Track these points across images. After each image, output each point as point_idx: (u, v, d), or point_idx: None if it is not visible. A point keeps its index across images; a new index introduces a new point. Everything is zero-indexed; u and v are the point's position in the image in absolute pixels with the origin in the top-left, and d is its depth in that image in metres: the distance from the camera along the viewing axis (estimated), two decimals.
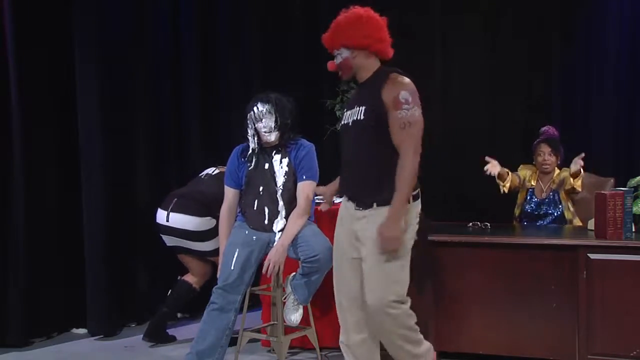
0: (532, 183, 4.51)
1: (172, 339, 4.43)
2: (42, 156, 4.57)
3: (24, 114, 4.43)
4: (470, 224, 4.23)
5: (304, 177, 3.78)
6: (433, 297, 3.86)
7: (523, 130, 4.88)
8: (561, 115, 5.22)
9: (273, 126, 3.77)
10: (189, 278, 4.47)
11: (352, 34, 3.03)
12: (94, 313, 4.66)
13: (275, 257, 3.65)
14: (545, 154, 4.42)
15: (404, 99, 2.86)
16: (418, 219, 3.06)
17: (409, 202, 2.95)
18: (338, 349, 4.18)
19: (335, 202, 4.40)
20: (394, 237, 2.91)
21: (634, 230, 3.65)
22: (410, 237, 3.03)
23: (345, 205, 3.18)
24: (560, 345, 3.64)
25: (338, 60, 3.11)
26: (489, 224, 4.14)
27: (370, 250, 3.00)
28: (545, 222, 4.45)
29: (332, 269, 3.79)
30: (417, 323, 3.84)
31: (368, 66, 3.08)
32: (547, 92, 5.15)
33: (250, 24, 5.49)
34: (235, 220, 3.93)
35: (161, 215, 4.36)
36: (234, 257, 3.72)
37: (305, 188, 3.77)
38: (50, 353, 4.34)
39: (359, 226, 3.05)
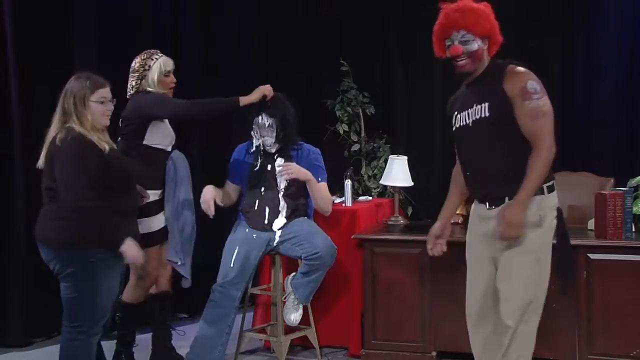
0: None
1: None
2: None
3: (24, 115, 4.43)
4: None
5: (319, 180, 3.87)
6: (433, 297, 3.86)
7: None
8: (561, 115, 5.21)
9: (274, 141, 3.81)
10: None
11: (494, 27, 2.85)
12: None
13: (296, 168, 3.75)
14: None
15: (533, 89, 2.70)
16: (556, 214, 2.80)
17: (544, 193, 2.75)
18: (338, 348, 4.21)
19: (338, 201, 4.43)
20: (516, 223, 2.67)
21: (634, 230, 3.65)
22: (546, 233, 2.78)
23: (476, 210, 2.97)
24: (560, 345, 3.64)
25: (473, 47, 2.82)
26: None
27: (505, 248, 2.79)
28: None
29: (334, 267, 3.81)
30: (416, 323, 3.88)
31: (486, 59, 2.87)
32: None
33: (250, 24, 5.49)
34: (236, 219, 3.95)
35: None
36: (233, 254, 3.73)
37: (324, 190, 3.90)
38: (50, 353, 4.33)
39: (493, 225, 2.81)
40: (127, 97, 3.71)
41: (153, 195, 3.64)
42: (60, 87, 4.57)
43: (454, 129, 2.97)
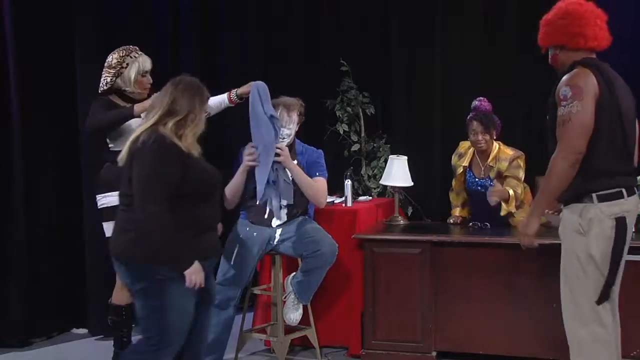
0: (465, 163, 4.28)
1: None
2: (42, 155, 4.57)
3: (24, 115, 4.43)
4: (470, 224, 4.23)
5: (317, 174, 3.88)
6: (433, 297, 3.86)
7: (523, 130, 4.87)
8: None
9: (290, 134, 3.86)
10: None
11: (549, 32, 2.95)
12: (94, 313, 4.66)
13: (286, 154, 3.72)
14: (478, 134, 4.14)
15: (563, 95, 2.75)
16: (611, 225, 2.76)
17: (592, 201, 2.75)
18: (338, 348, 4.21)
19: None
20: (523, 232, 2.90)
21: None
22: (592, 242, 2.76)
23: None
24: (560, 345, 3.62)
25: (551, 55, 3.01)
26: (488, 224, 4.14)
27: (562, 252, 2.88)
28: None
29: (334, 267, 3.81)
30: (417, 323, 3.88)
31: (569, 60, 2.91)
32: (548, 92, 5.14)
33: (251, 24, 5.49)
34: (237, 218, 3.95)
35: None
36: (233, 253, 3.73)
37: (321, 182, 3.88)
38: (50, 353, 4.35)
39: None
40: (99, 92, 3.68)
41: None
42: (60, 87, 4.62)
43: None
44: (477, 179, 4.25)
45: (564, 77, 2.81)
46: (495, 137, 4.22)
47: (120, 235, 2.82)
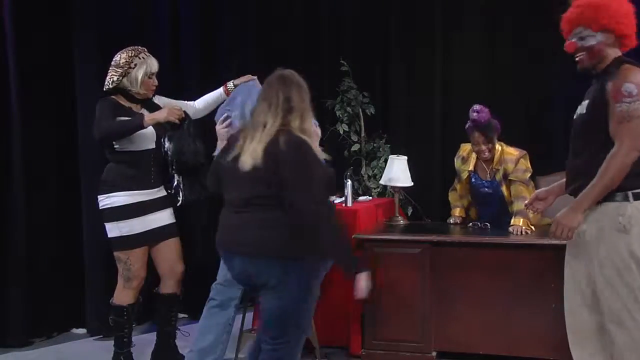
0: (470, 168, 4.26)
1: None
2: (42, 156, 4.57)
3: (24, 115, 4.43)
4: (470, 223, 4.23)
5: None
6: (433, 297, 3.86)
7: (523, 131, 4.87)
8: (562, 114, 5.20)
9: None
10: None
11: (616, 20, 2.77)
12: (93, 313, 4.66)
13: None
14: (481, 144, 4.12)
15: (627, 92, 2.67)
16: None
17: (628, 199, 2.72)
18: (338, 348, 4.20)
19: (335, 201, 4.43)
20: (563, 224, 2.79)
21: None
22: (628, 242, 2.72)
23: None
24: (560, 345, 3.63)
25: (589, 42, 2.82)
26: (488, 224, 4.14)
27: (594, 254, 2.81)
28: (492, 210, 4.26)
29: (334, 267, 3.80)
30: (417, 323, 3.88)
31: (610, 56, 2.82)
32: (548, 92, 5.14)
33: (251, 24, 5.49)
34: None
35: None
36: None
37: None
38: (50, 353, 4.35)
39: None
40: (104, 89, 3.69)
41: (140, 196, 3.65)
42: (60, 87, 4.62)
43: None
44: (483, 181, 4.25)
45: (622, 74, 2.72)
46: (495, 143, 4.20)
47: (267, 232, 2.72)
